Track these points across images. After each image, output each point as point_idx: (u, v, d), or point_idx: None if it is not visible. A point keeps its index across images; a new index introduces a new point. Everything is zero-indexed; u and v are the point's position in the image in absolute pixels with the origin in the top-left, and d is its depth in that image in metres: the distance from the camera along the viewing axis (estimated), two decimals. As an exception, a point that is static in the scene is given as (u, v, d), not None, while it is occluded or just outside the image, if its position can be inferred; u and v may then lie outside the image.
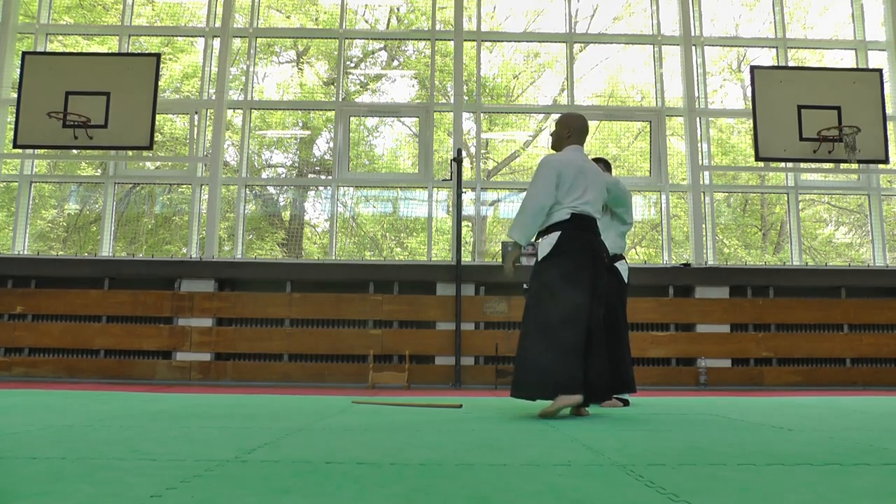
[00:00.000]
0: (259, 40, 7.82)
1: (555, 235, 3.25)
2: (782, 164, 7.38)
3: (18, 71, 6.98)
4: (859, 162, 6.88)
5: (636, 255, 7.97)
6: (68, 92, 6.75)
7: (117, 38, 7.56)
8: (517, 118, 8.24)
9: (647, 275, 6.73)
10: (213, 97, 7.31)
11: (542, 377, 3.01)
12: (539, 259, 3.29)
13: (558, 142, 3.50)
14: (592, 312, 3.14)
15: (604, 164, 4.28)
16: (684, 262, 7.02)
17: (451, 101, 7.50)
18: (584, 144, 3.53)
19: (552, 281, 3.19)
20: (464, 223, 7.16)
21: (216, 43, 7.45)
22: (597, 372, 3.09)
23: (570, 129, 3.47)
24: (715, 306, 6.76)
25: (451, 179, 7.00)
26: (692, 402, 4.49)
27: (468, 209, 7.20)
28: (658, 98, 7.60)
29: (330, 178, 7.41)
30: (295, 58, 8.72)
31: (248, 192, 7.46)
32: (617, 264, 3.98)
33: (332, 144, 7.67)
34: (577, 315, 3.09)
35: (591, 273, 3.20)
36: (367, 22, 8.52)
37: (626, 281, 4.05)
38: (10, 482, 1.44)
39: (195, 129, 7.28)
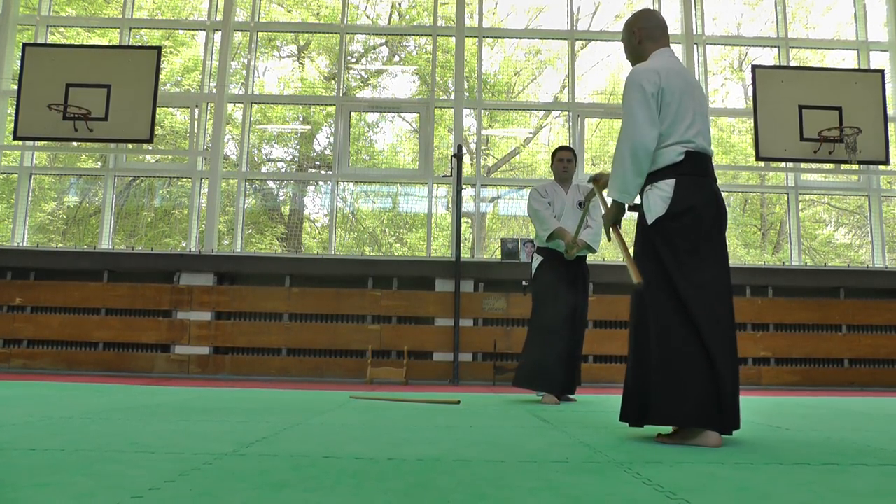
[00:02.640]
0: (260, 34, 7.80)
1: (667, 186, 2.24)
2: (782, 164, 7.37)
3: (19, 63, 6.95)
4: (860, 163, 6.87)
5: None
6: (69, 84, 6.73)
7: (118, 30, 7.54)
8: (518, 115, 8.23)
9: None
10: (214, 91, 7.29)
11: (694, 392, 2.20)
12: (648, 224, 2.28)
13: (635, 55, 2.47)
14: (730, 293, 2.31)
15: (571, 152, 4.23)
16: (683, 260, 7.01)
17: (452, 97, 7.49)
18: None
19: (678, 255, 2.21)
20: (463, 219, 7.15)
21: (217, 37, 7.43)
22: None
23: (641, 30, 2.45)
24: (713, 305, 6.74)
25: (450, 176, 6.99)
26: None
27: (468, 206, 7.19)
28: (659, 96, 7.57)
29: (330, 173, 7.40)
30: (296, 52, 8.70)
31: (247, 186, 7.45)
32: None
33: (332, 139, 7.66)
34: (729, 303, 2.28)
35: (723, 239, 2.32)
36: (368, 17, 8.49)
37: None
38: (10, 473, 1.44)
39: (195, 122, 7.26)
